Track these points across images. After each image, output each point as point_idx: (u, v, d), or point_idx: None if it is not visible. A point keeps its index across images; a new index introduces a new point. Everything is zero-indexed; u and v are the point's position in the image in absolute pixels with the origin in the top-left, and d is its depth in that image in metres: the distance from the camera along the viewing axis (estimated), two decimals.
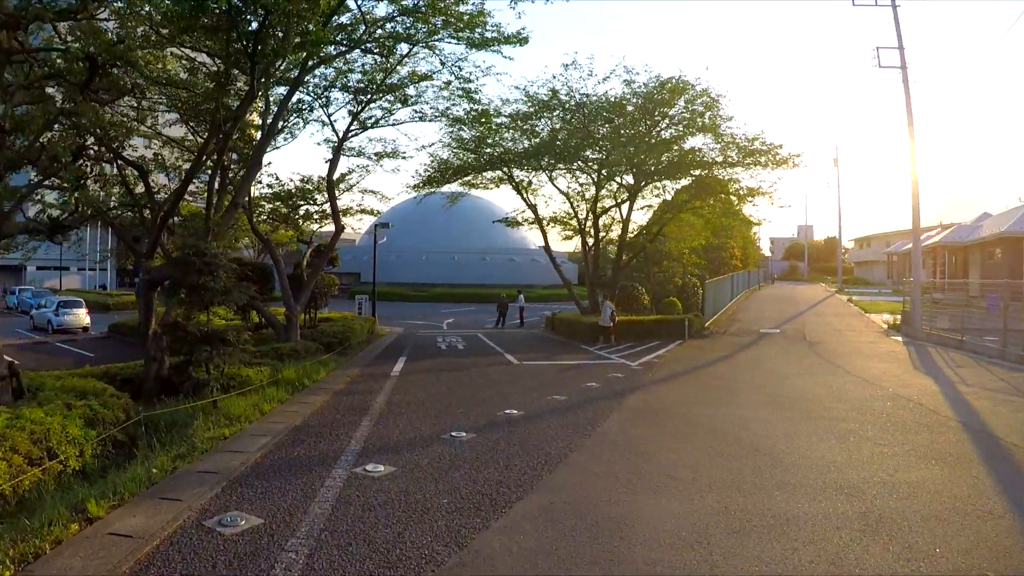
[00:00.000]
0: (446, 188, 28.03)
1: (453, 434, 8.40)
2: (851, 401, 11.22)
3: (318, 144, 20.00)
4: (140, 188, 14.82)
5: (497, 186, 28.65)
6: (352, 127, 18.42)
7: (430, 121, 19.21)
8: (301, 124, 19.87)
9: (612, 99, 21.32)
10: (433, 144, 24.73)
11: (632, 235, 25.96)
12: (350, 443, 7.94)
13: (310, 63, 12.97)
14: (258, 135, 18.54)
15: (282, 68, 12.96)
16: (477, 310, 41.53)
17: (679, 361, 17.24)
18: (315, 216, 21.56)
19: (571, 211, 27.65)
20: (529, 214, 27.87)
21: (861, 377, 14.06)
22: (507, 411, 10.02)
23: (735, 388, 12.87)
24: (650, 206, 26.39)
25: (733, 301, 35.25)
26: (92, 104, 10.97)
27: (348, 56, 16.38)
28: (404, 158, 21.17)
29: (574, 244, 43.19)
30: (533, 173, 26.79)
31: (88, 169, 12.28)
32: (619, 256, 25.68)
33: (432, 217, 58.41)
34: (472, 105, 17.85)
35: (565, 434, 8.57)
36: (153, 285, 12.15)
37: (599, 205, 25.39)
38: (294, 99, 16.98)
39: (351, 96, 17.14)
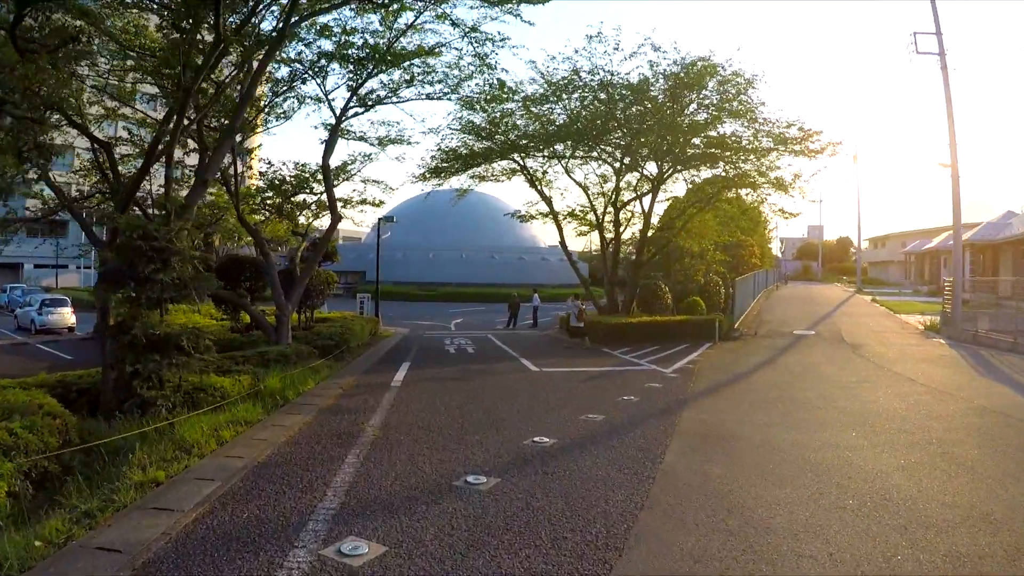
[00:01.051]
0: (454, 181, 25.68)
1: (469, 479, 6.02)
2: (943, 419, 9.07)
3: (315, 127, 17.73)
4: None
5: (509, 178, 26.27)
6: (351, 104, 16.07)
7: (437, 99, 16.88)
8: (296, 104, 17.56)
9: (639, 77, 18.90)
10: (440, 128, 22.16)
11: (653, 230, 23.50)
12: (325, 495, 5.56)
13: (293, 18, 10.61)
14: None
15: (258, 21, 10.70)
16: (486, 310, 39.20)
17: (719, 368, 14.87)
18: (312, 207, 19.19)
19: (588, 204, 25.23)
20: (542, 207, 25.45)
21: (929, 386, 11.89)
22: (535, 439, 7.64)
23: (799, 402, 10.53)
24: (675, 198, 23.89)
25: (755, 301, 32.83)
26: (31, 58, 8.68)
27: (347, 23, 14.04)
28: (409, 143, 18.83)
29: (583, 243, 40.64)
30: (547, 163, 24.40)
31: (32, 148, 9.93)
32: (640, 251, 23.26)
33: (439, 214, 56.09)
34: (487, 74, 15.45)
35: (621, 477, 6.18)
36: (109, 279, 9.80)
37: (619, 198, 22.93)
38: (286, 69, 14.67)
39: (350, 68, 14.75)
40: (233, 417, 8.72)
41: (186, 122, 10.94)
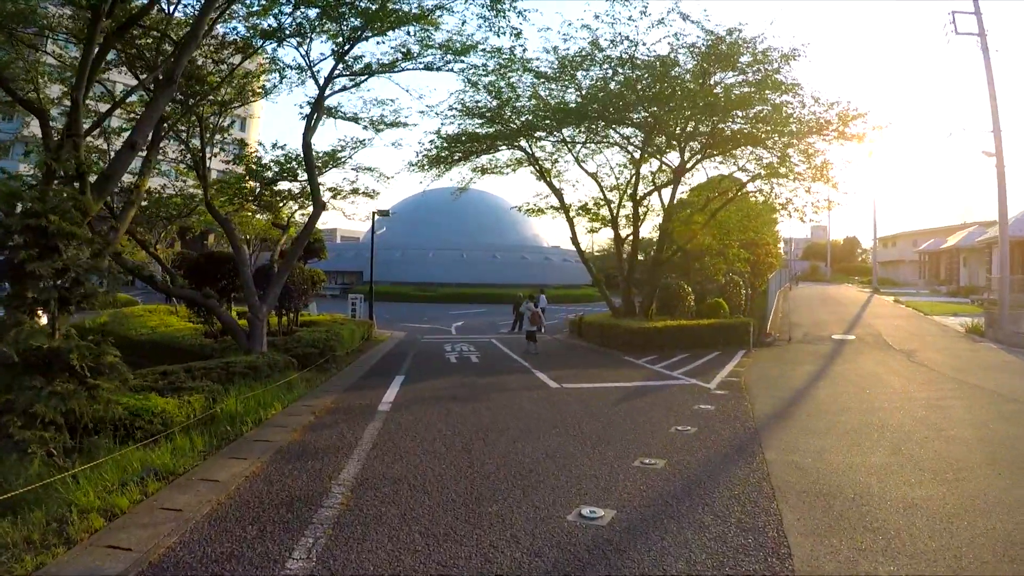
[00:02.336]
0: (455, 175, 23.07)
1: None
2: None
3: (299, 107, 15.10)
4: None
5: (514, 170, 23.67)
6: (337, 72, 13.46)
7: (437, 70, 14.24)
8: (277, 78, 14.96)
9: (667, 48, 16.31)
10: (440, 107, 19.47)
11: (675, 224, 20.87)
12: None
13: None
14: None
15: None
16: (488, 311, 36.55)
17: (769, 382, 12.33)
18: (297, 196, 16.54)
19: (601, 197, 22.61)
20: (552, 200, 22.82)
21: None
22: (584, 509, 5.02)
23: (895, 429, 8.14)
24: (700, 186, 21.15)
25: (775, 303, 30.24)
26: None
27: None
28: (407, 126, 16.25)
29: (585, 243, 38.02)
30: (558, 151, 21.79)
31: None
32: (660, 248, 20.64)
33: (439, 213, 53.43)
34: (497, 26, 12.79)
35: None
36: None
37: (640, 187, 20.28)
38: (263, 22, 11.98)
39: (333, 26, 12.10)
40: (155, 461, 6.11)
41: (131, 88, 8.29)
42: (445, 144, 19.89)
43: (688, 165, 19.68)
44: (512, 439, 7.34)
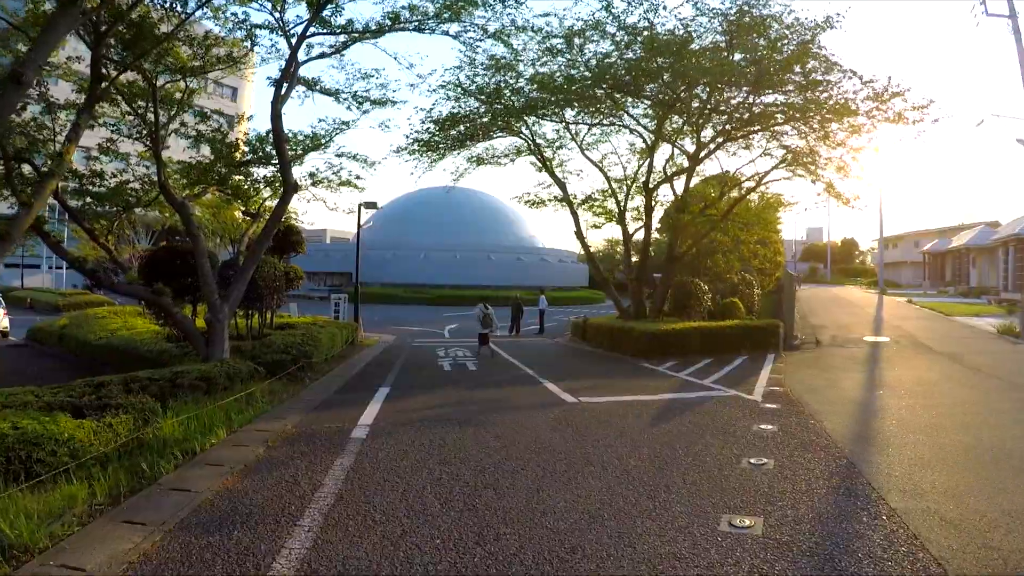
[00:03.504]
0: (448, 164, 20.95)
1: None
2: None
3: (268, 81, 13.07)
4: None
5: (513, 160, 21.55)
6: (313, 29, 11.29)
7: (430, 32, 12.08)
8: (249, 45, 12.75)
9: (691, 12, 14.23)
10: (432, 77, 17.25)
11: (692, 216, 18.81)
12: None
13: None
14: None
15: None
16: None
17: (819, 391, 10.46)
18: (272, 181, 14.27)
19: (607, 190, 20.56)
20: (555, 191, 20.69)
21: None
22: None
23: (1012, 454, 6.01)
24: (721, 174, 19.08)
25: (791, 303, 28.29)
26: None
27: None
28: (395, 104, 14.08)
29: (577, 244, 36.03)
30: (560, 137, 19.71)
31: None
32: (673, 243, 18.56)
33: (432, 213, 51.22)
34: None
35: None
36: None
37: (652, 176, 18.13)
38: None
39: None
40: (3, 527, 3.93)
41: None
42: (437, 128, 17.73)
43: (708, 150, 17.60)
44: (533, 486, 5.17)
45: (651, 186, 17.86)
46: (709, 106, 15.43)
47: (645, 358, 14.62)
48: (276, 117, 11.39)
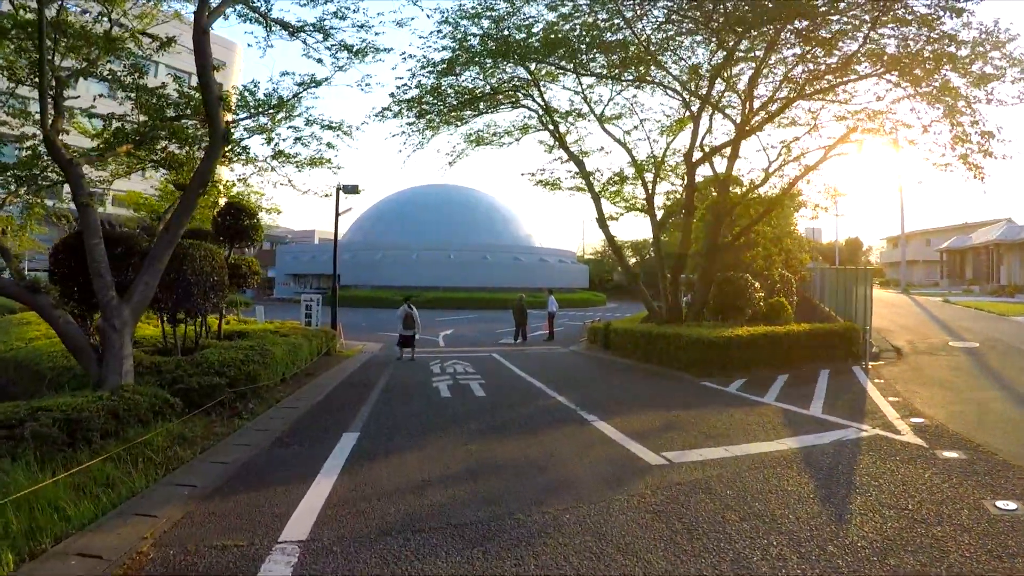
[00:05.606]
0: (442, 143, 17.33)
1: None
2: None
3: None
4: None
5: (518, 140, 18.02)
6: None
7: None
8: None
9: None
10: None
11: (744, 194, 15.23)
12: None
13: None
14: None
15: None
16: (480, 318, 30.72)
17: (982, 424, 7.09)
18: (200, 134, 10.39)
19: (632, 166, 17.01)
20: (572, 168, 17.08)
21: None
22: None
23: None
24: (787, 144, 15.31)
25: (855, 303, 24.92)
26: None
27: None
28: (377, 53, 10.52)
29: (576, 244, 32.22)
30: (573, 111, 16.16)
31: None
32: (716, 232, 14.97)
33: (425, 211, 47.41)
34: None
35: None
36: None
37: (699, 146, 14.44)
38: None
39: None
40: None
41: None
42: (434, 76, 14.00)
43: (762, 115, 14.02)
44: None
45: (693, 160, 14.21)
46: (778, 53, 11.82)
47: (701, 374, 11.04)
48: (201, 35, 7.68)
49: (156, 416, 7.29)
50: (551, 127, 16.04)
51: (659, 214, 17.27)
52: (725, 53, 11.70)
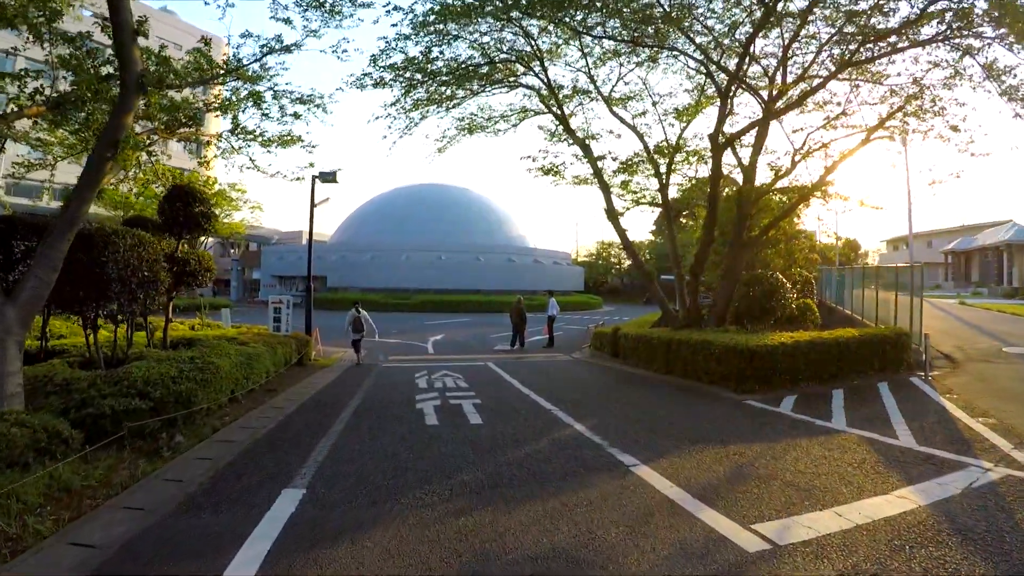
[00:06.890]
0: (431, 127, 15.58)
1: None
2: None
3: None
4: None
5: (515, 127, 16.07)
6: None
7: None
8: None
9: None
10: None
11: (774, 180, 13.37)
12: None
13: None
14: None
15: None
16: (473, 322, 28.70)
17: None
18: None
19: (643, 159, 15.17)
20: (576, 151, 15.19)
21: None
22: None
23: None
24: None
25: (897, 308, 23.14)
26: None
27: None
28: (354, 6, 8.56)
29: (572, 245, 30.58)
30: (576, 87, 14.31)
31: None
32: (741, 228, 13.09)
33: (415, 210, 45.37)
34: None
35: None
36: None
37: (724, 128, 12.54)
38: None
39: None
40: None
41: None
42: (414, 64, 12.10)
43: (793, 93, 12.21)
44: None
45: (720, 142, 12.28)
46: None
47: (740, 389, 9.14)
48: None
49: (41, 454, 5.33)
50: (554, 109, 14.14)
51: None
52: (764, 9, 9.82)
